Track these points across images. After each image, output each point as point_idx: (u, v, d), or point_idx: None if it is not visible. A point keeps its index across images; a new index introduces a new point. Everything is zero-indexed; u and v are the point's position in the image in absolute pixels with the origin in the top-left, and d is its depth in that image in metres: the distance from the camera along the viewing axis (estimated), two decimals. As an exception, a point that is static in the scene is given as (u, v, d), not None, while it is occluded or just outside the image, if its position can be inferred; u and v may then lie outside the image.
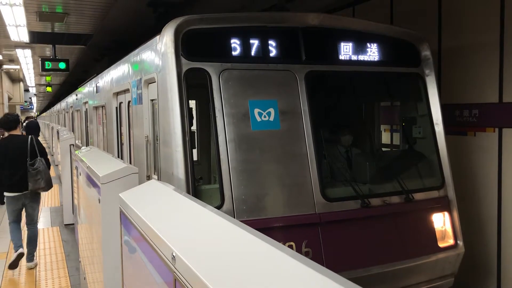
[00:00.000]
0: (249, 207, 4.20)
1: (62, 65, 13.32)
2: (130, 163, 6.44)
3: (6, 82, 22.48)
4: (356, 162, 5.41)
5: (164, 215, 2.50)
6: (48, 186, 6.97)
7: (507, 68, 5.40)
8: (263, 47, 4.58)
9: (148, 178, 5.36)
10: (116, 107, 7.63)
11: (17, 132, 7.23)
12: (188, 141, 4.21)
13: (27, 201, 6.92)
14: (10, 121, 7.09)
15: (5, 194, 6.86)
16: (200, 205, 2.41)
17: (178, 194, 2.84)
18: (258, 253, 1.64)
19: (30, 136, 7.11)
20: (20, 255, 6.82)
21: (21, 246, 6.88)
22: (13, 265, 6.77)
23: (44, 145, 8.04)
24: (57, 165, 17.40)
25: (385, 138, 7.08)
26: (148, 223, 2.28)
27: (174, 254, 1.79)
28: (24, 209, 7.03)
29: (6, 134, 7.36)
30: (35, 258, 7.18)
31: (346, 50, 4.96)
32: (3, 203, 7.81)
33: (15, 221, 7.01)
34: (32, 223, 7.09)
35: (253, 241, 1.73)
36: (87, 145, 12.17)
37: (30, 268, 6.98)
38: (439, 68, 6.22)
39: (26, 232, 7.13)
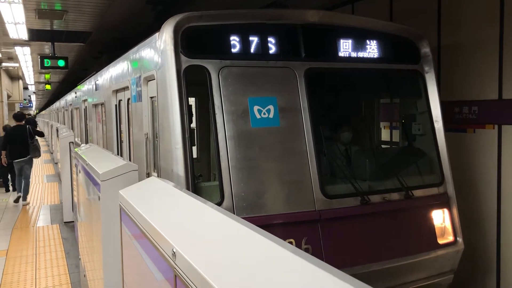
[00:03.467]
0: (248, 204, 4.20)
1: (61, 63, 13.29)
2: (130, 160, 6.44)
3: (5, 80, 22.44)
4: (355, 159, 5.41)
5: (164, 211, 2.50)
6: (40, 155, 12.80)
7: (506, 64, 5.39)
8: (263, 44, 4.58)
9: (148, 175, 5.36)
10: (116, 105, 7.62)
11: (21, 123, 12.28)
12: (187, 138, 4.21)
13: (23, 163, 11.89)
14: (20, 116, 12.67)
15: (15, 160, 11.86)
16: (200, 202, 2.41)
17: (178, 190, 2.84)
18: (259, 249, 1.64)
19: (27, 126, 12.34)
20: (19, 196, 11.86)
21: (20, 191, 11.85)
22: (16, 201, 11.84)
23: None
24: (56, 163, 17.38)
25: (385, 135, 7.08)
26: (148, 219, 2.28)
27: (174, 250, 1.79)
28: (22, 169, 11.93)
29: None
30: (27, 199, 12.00)
31: (345, 47, 4.96)
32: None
33: (19, 175, 11.96)
34: (26, 177, 11.91)
35: (253, 237, 1.73)
36: (86, 142, 12.17)
37: (24, 205, 11.68)
38: (439, 65, 6.22)
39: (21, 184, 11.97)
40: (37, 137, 12.66)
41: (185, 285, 1.66)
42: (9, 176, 13.53)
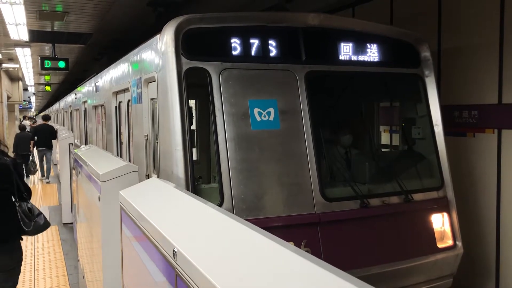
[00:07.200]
0: (248, 206, 4.20)
1: (61, 64, 13.29)
2: (130, 162, 6.43)
3: (5, 81, 22.42)
4: (355, 162, 5.41)
5: (165, 211, 2.50)
6: None
7: (506, 69, 5.41)
8: (263, 47, 4.59)
9: (148, 177, 5.36)
10: (116, 106, 7.62)
11: (47, 122, 16.64)
12: (187, 140, 4.21)
13: (46, 151, 15.88)
14: (47, 116, 17.24)
15: (38, 148, 15.75)
16: (200, 202, 2.41)
17: (178, 191, 2.85)
18: (260, 249, 1.65)
19: (52, 126, 16.31)
20: (44, 180, 16.19)
21: (44, 174, 16.39)
22: (41, 180, 16.37)
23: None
24: (55, 164, 17.39)
25: (385, 138, 7.09)
26: (149, 219, 2.28)
27: (175, 250, 1.79)
28: (44, 156, 16.13)
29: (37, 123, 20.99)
30: (49, 178, 16.39)
31: (346, 51, 4.97)
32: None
33: (41, 161, 16.10)
34: (48, 161, 16.12)
35: (255, 237, 1.74)
36: (86, 144, 12.16)
37: (48, 182, 16.06)
38: (439, 69, 6.23)
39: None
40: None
41: (186, 285, 1.66)
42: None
